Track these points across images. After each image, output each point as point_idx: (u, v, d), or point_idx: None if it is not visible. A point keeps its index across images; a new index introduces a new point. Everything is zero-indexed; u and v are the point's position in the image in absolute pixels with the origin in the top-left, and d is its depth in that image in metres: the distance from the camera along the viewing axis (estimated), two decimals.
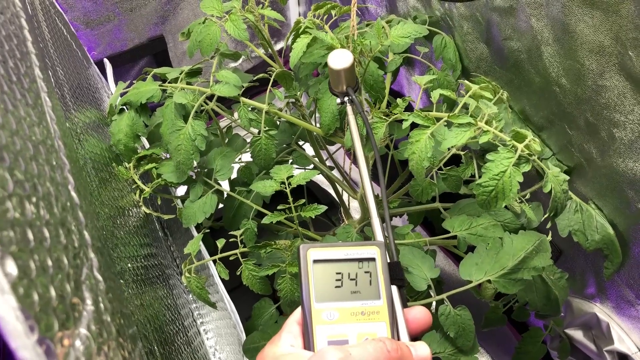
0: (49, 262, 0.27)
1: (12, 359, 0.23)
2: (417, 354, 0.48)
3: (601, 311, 0.89)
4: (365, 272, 0.53)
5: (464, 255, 0.72)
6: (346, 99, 0.72)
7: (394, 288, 0.53)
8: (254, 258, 0.80)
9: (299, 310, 0.52)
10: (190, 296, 1.16)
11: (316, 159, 1.00)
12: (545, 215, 0.72)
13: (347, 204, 1.10)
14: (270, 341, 0.50)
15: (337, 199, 1.14)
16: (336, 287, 0.52)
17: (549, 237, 0.73)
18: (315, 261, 0.53)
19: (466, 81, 0.75)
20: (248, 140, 0.96)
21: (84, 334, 0.28)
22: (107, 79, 1.24)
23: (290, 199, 0.76)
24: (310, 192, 1.57)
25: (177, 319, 0.88)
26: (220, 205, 0.91)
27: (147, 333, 0.63)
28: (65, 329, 0.27)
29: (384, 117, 0.74)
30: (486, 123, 0.66)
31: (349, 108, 0.71)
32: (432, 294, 0.71)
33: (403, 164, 0.92)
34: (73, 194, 0.37)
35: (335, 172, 1.03)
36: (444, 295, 0.69)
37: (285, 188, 0.78)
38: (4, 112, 0.30)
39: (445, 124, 0.67)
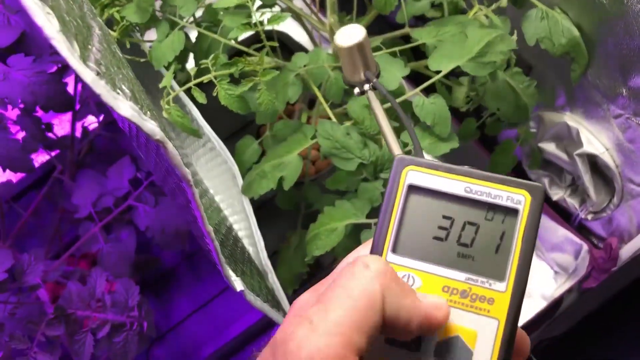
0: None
1: None
2: None
3: (571, 118, 0.92)
4: (495, 228, 0.34)
5: None
6: (366, 87, 0.57)
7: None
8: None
9: (363, 247, 0.37)
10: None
11: None
12: None
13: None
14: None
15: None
16: (435, 237, 0.35)
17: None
18: (412, 187, 0.35)
19: None
20: None
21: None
22: None
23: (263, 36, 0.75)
24: (283, 45, 1.56)
25: None
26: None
27: None
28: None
29: None
30: None
31: (371, 95, 0.57)
32: (405, 91, 0.72)
33: None
34: None
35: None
36: (417, 90, 0.71)
37: (258, 29, 0.76)
38: None
39: None
